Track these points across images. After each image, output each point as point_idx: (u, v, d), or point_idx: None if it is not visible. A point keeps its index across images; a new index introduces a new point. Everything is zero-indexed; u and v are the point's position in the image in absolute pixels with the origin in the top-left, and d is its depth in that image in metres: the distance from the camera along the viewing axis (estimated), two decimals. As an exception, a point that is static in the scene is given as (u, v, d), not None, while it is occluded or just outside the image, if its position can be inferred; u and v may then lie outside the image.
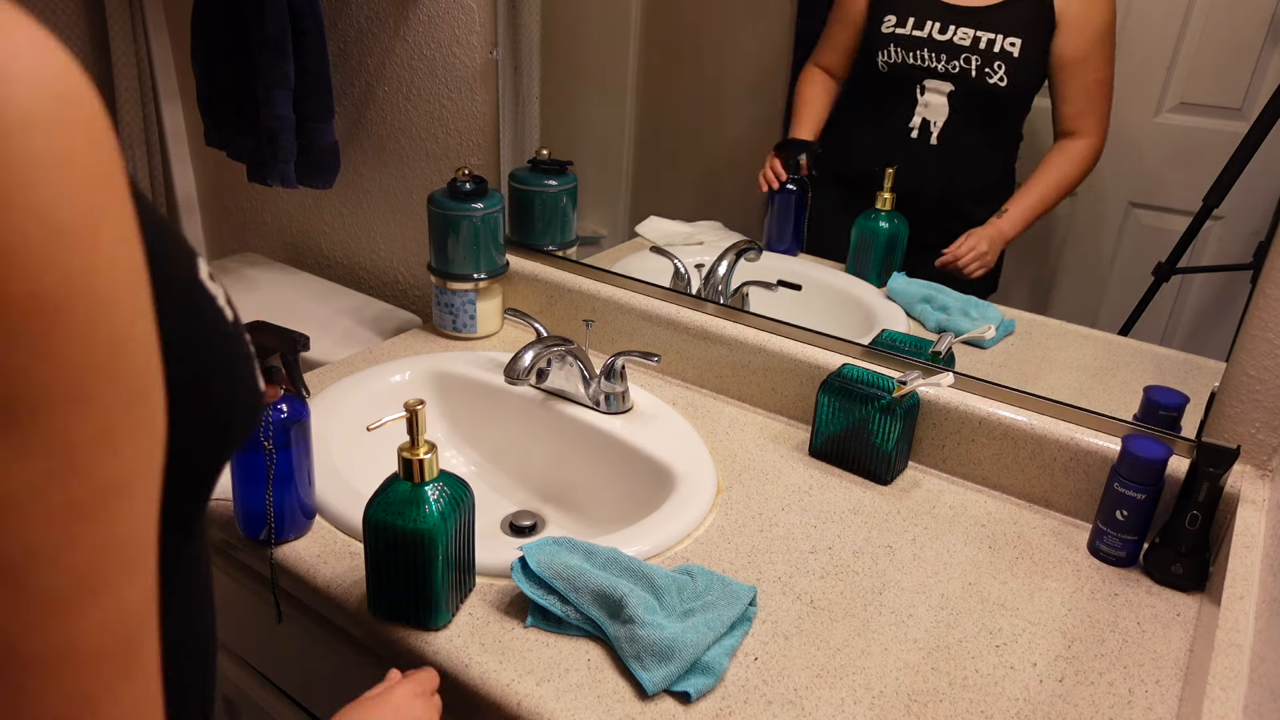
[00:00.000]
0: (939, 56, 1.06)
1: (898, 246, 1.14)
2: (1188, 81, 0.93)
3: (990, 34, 1.03)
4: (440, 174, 1.46)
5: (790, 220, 1.21)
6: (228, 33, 1.37)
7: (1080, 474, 0.97)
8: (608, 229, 1.39)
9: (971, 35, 1.04)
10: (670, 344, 1.23)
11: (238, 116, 1.42)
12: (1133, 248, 1.01)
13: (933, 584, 0.88)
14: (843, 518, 0.97)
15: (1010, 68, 1.03)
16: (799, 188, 1.19)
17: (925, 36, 1.06)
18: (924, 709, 0.73)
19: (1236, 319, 0.89)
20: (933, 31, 1.05)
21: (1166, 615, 0.85)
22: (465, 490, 0.77)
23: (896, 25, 1.07)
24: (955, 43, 1.05)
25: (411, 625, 0.79)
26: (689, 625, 0.75)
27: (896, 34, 1.08)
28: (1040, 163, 1.05)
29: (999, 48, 1.03)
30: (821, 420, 1.06)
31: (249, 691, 1.05)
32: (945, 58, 1.05)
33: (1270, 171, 0.89)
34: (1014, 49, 1.02)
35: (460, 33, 1.34)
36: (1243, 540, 0.82)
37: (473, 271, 1.27)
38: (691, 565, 0.84)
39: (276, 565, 0.87)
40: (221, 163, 1.71)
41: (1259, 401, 0.89)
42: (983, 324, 1.07)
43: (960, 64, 1.05)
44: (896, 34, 1.08)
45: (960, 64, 1.05)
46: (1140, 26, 0.94)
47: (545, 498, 1.13)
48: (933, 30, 1.05)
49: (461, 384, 1.19)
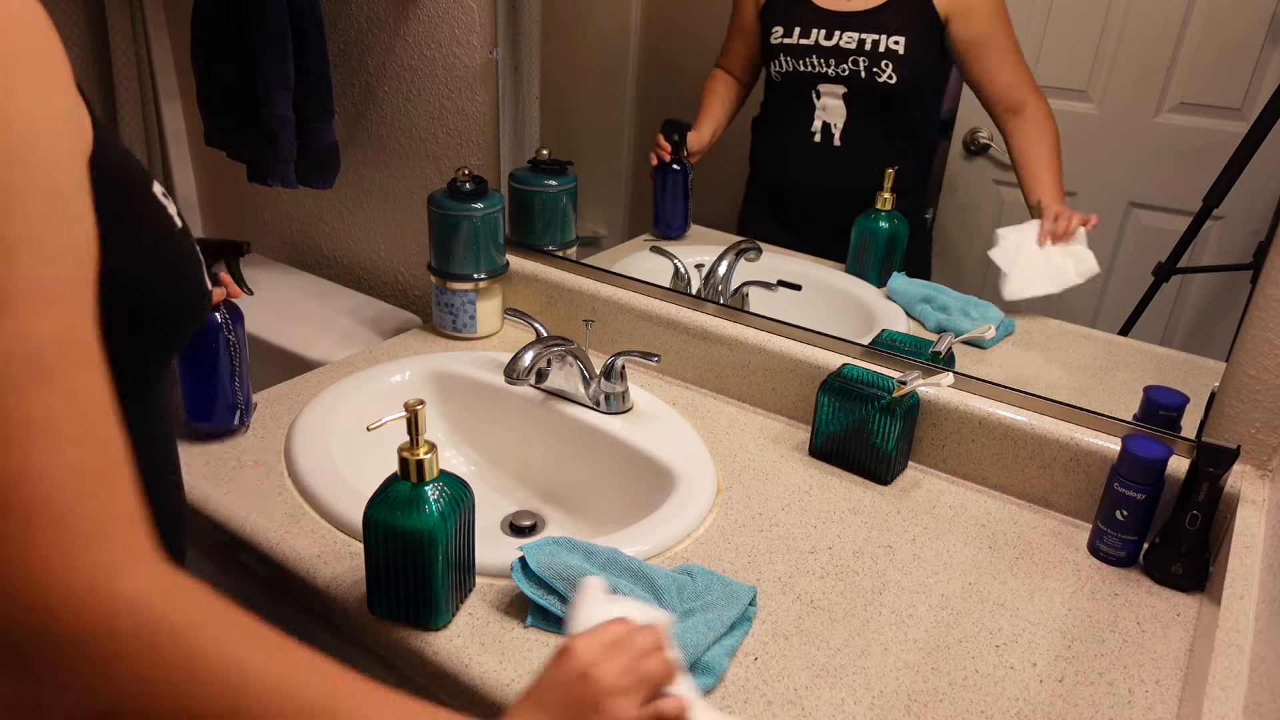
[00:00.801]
0: (828, 62, 1.09)
1: (898, 246, 1.14)
2: (1188, 81, 0.93)
3: (874, 35, 1.07)
4: (440, 174, 1.46)
5: (679, 199, 1.27)
6: (228, 33, 1.37)
7: (1080, 474, 0.97)
8: (608, 229, 1.39)
9: (856, 38, 1.08)
10: (670, 344, 1.23)
11: (238, 116, 1.42)
12: (1133, 248, 1.01)
13: (933, 584, 0.88)
14: (843, 518, 0.97)
15: (897, 65, 1.07)
16: (681, 168, 1.25)
17: (812, 44, 1.10)
18: (924, 709, 0.73)
19: (1236, 319, 0.89)
20: (819, 39, 1.09)
21: (1166, 615, 0.85)
22: (465, 490, 0.77)
23: (784, 35, 1.11)
24: (841, 47, 1.08)
25: (411, 625, 0.79)
26: (689, 625, 0.75)
27: (785, 44, 1.12)
28: (1021, 147, 1.06)
29: (884, 47, 1.06)
30: (821, 420, 1.06)
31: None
32: (834, 62, 1.09)
33: (1270, 171, 0.89)
34: (899, 46, 1.06)
35: (460, 33, 1.34)
36: (1243, 540, 0.82)
37: (473, 271, 1.27)
38: (691, 565, 0.84)
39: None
40: (221, 163, 1.70)
41: (1259, 401, 0.89)
42: (983, 324, 1.07)
43: (849, 66, 1.09)
44: (785, 44, 1.12)
45: (849, 66, 1.09)
46: (1140, 26, 0.94)
47: (545, 498, 1.13)
48: (819, 37, 1.09)
49: (461, 384, 1.19)
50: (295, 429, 1.04)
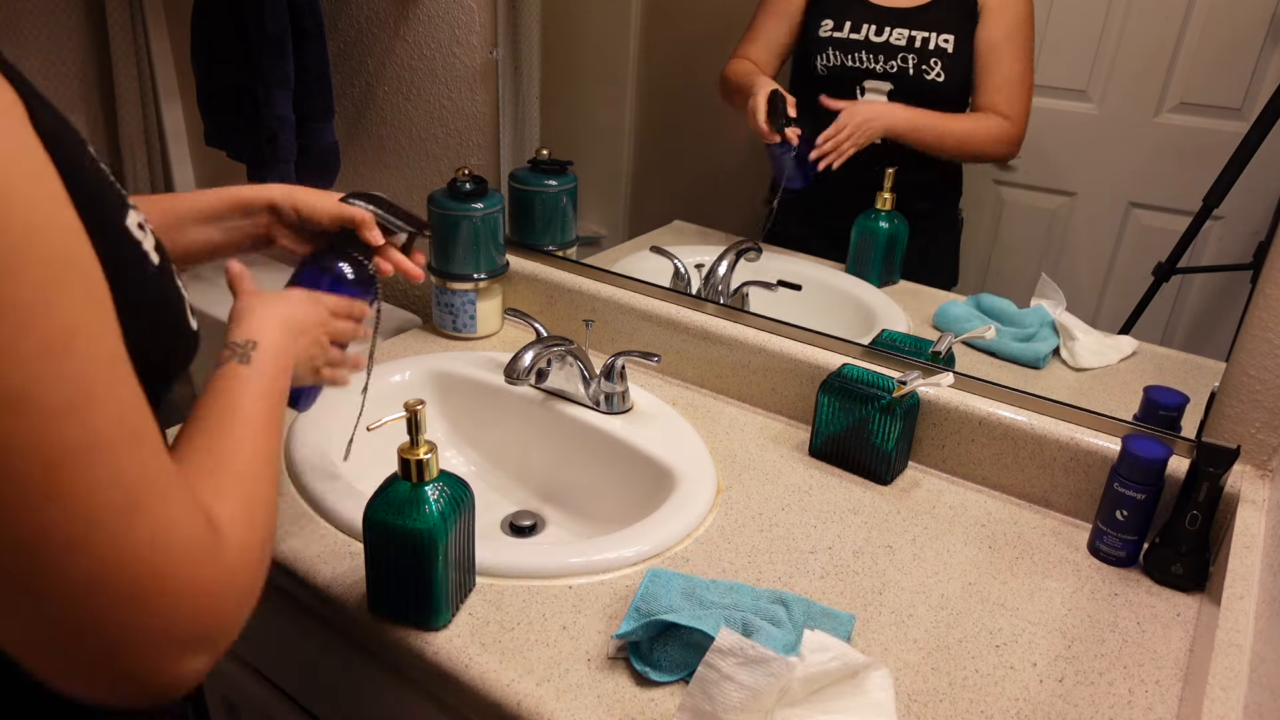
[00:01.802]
0: (877, 58, 1.09)
1: (898, 246, 1.14)
2: (1188, 81, 0.93)
3: (925, 33, 1.06)
4: (440, 174, 1.46)
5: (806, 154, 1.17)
6: (228, 33, 1.37)
7: (1080, 474, 0.97)
8: (608, 229, 1.39)
9: (907, 35, 1.07)
10: (670, 344, 1.23)
11: (238, 116, 1.42)
12: (1133, 248, 1.01)
13: (933, 584, 0.88)
14: (843, 518, 0.97)
15: (946, 64, 1.06)
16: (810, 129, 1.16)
17: (862, 39, 1.09)
18: (924, 709, 0.73)
19: (1236, 319, 0.89)
20: (869, 34, 1.08)
21: (1166, 615, 0.85)
22: (465, 490, 0.77)
23: (834, 29, 1.10)
24: (892, 43, 1.07)
25: (411, 625, 0.79)
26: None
27: (834, 38, 1.11)
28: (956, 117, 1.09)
29: (934, 45, 1.06)
30: (821, 420, 1.06)
31: (249, 691, 1.05)
32: (883, 59, 1.08)
33: (1270, 171, 0.89)
34: (948, 45, 1.06)
35: (460, 33, 1.34)
36: (1243, 540, 0.82)
37: (473, 271, 1.27)
38: (785, 594, 0.82)
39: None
40: (221, 163, 1.70)
41: (1259, 401, 0.89)
42: (983, 324, 1.07)
43: (898, 64, 1.08)
44: (834, 38, 1.11)
45: (898, 64, 1.08)
46: (1140, 26, 0.94)
47: (545, 498, 1.13)
48: (869, 33, 1.08)
49: (461, 384, 1.19)
50: (295, 429, 1.04)
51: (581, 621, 0.80)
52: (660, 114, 1.29)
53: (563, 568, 0.86)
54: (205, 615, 0.44)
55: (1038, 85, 1.02)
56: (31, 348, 0.37)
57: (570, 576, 0.85)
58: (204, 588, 0.44)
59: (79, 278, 0.40)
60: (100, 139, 1.70)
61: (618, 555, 0.87)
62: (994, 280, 1.10)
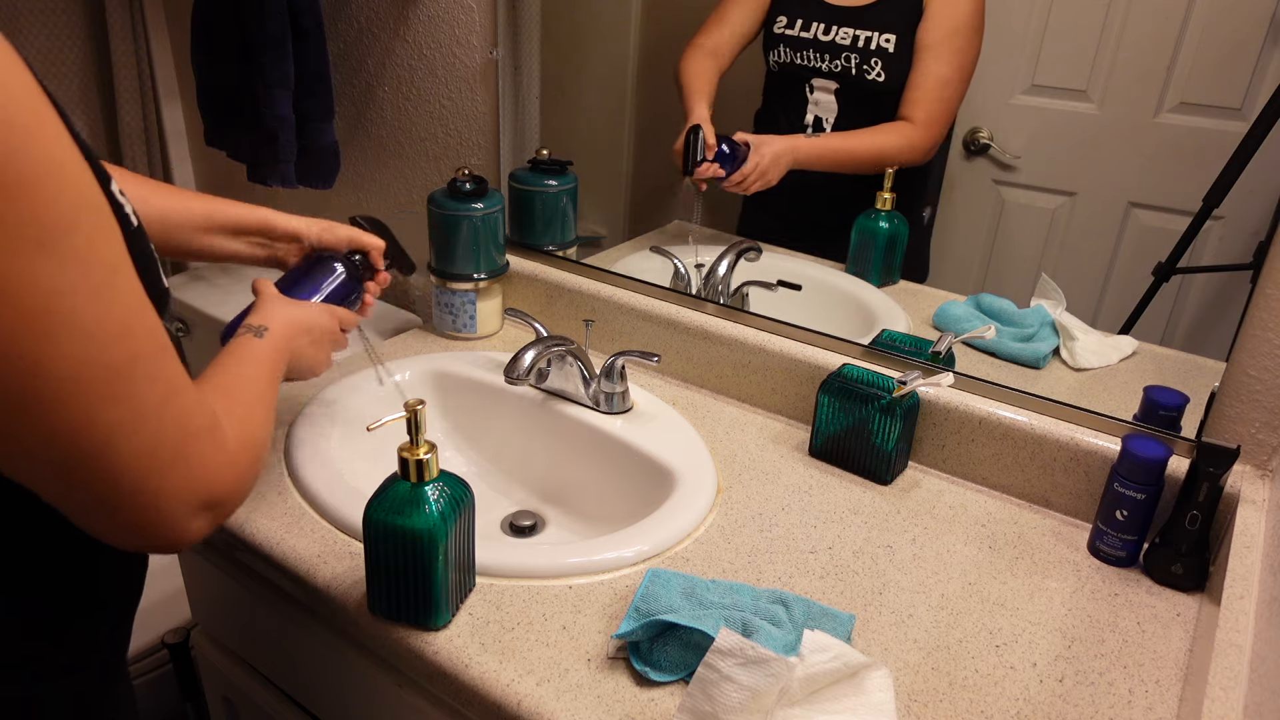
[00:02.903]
0: (823, 56, 1.10)
1: (898, 246, 1.14)
2: (1188, 81, 0.93)
3: (868, 32, 1.07)
4: (440, 174, 1.46)
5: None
6: (228, 32, 1.37)
7: (1080, 474, 0.97)
8: (608, 229, 1.39)
9: (851, 34, 1.08)
10: (670, 344, 1.23)
11: (238, 116, 1.42)
12: (1133, 248, 1.01)
13: (933, 584, 0.88)
14: (843, 518, 0.97)
15: (887, 63, 1.07)
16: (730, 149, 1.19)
17: (811, 38, 1.10)
18: (924, 709, 0.73)
19: (1236, 319, 0.89)
20: (817, 32, 1.10)
21: (1166, 615, 0.85)
22: (465, 490, 0.77)
23: (786, 26, 1.12)
24: (837, 42, 1.09)
25: (411, 625, 0.79)
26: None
27: (786, 35, 1.12)
28: (861, 132, 1.11)
29: (875, 45, 1.07)
30: (821, 420, 1.06)
31: (249, 691, 1.05)
32: (828, 57, 1.10)
33: (1270, 171, 0.89)
34: (889, 45, 1.06)
35: (460, 33, 1.34)
36: (1243, 540, 0.82)
37: (473, 271, 1.27)
38: (785, 594, 0.82)
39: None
40: (221, 163, 1.70)
41: (1259, 401, 0.89)
42: (983, 324, 1.07)
43: (842, 63, 1.09)
44: (786, 35, 1.12)
45: (842, 63, 1.09)
46: (1140, 26, 0.94)
47: (545, 498, 1.13)
48: (817, 31, 1.10)
49: (461, 384, 1.19)
50: (295, 429, 1.04)
51: (581, 621, 0.80)
52: (660, 114, 1.29)
53: (563, 568, 0.86)
54: (215, 485, 0.57)
55: (1038, 85, 1.02)
56: (90, 285, 0.47)
57: (570, 576, 0.85)
58: (211, 466, 0.56)
59: (111, 224, 0.49)
60: (100, 139, 1.70)
61: (617, 555, 0.87)
62: (994, 280, 1.10)
